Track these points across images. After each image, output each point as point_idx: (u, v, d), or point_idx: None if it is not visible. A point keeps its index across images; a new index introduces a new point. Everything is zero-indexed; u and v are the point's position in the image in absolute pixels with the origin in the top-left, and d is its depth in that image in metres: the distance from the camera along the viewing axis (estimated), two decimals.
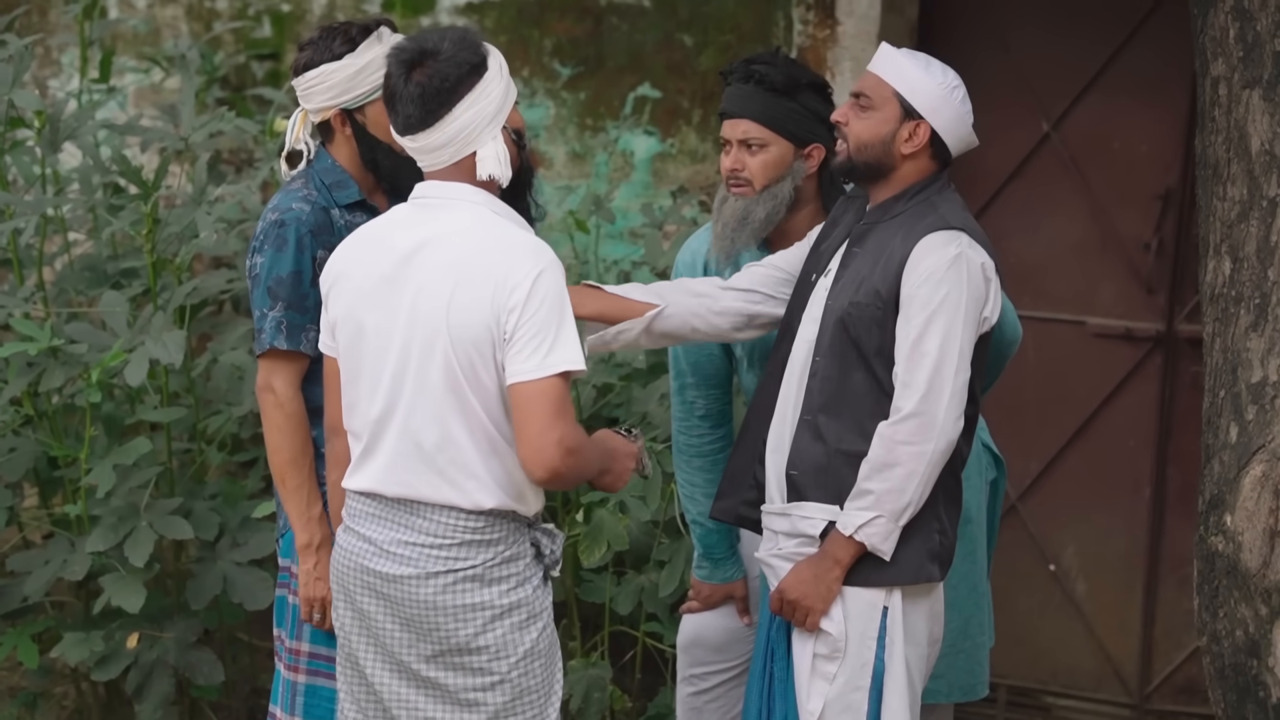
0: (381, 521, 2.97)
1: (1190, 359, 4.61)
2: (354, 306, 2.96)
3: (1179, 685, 4.74)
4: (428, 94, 2.88)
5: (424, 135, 2.92)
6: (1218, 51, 3.29)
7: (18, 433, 4.20)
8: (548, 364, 2.84)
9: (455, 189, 2.95)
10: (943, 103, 3.17)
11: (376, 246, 2.97)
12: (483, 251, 2.89)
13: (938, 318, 3.04)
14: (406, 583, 2.93)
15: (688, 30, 4.88)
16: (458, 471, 2.91)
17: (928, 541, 3.12)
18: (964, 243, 3.09)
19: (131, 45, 5.45)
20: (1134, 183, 4.63)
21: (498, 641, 2.93)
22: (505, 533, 2.95)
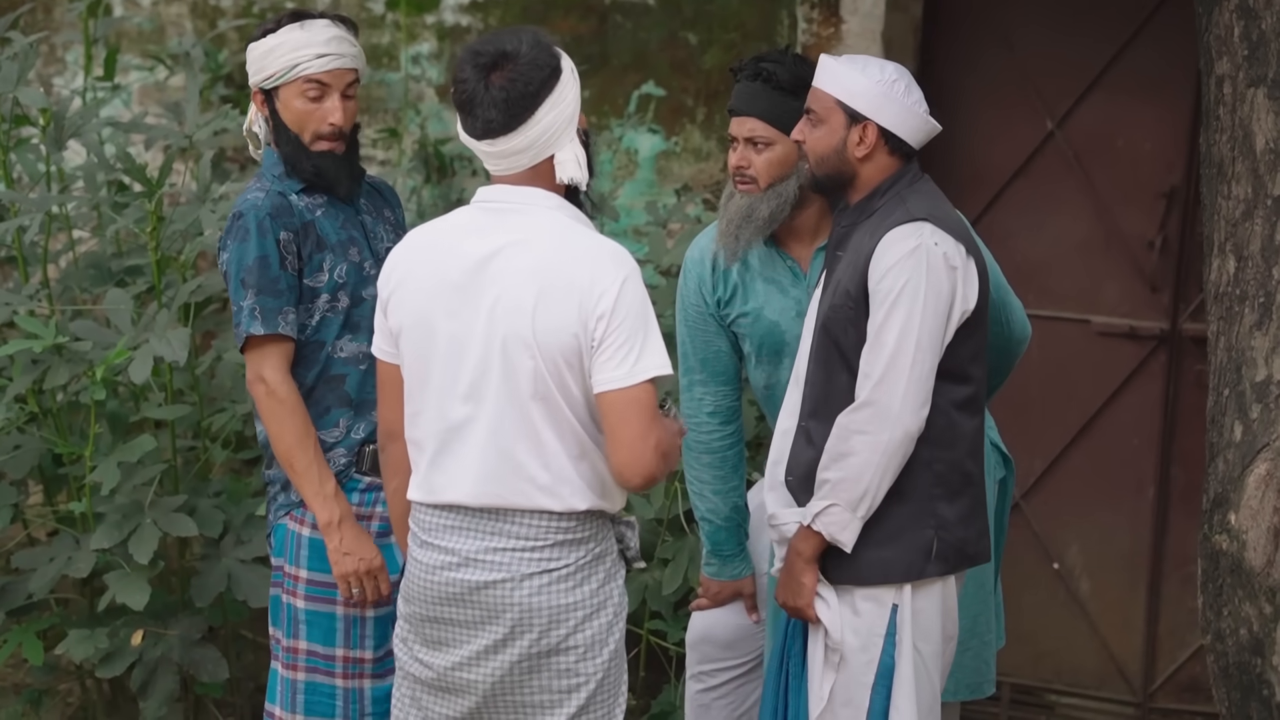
0: (465, 532, 2.91)
1: (1194, 357, 4.60)
2: (423, 313, 2.90)
3: (1183, 684, 4.74)
4: (511, 98, 2.84)
5: (505, 140, 2.86)
6: (1222, 50, 3.28)
7: (22, 430, 4.20)
8: (638, 371, 2.83)
9: (528, 194, 2.91)
10: (883, 99, 3.16)
11: (444, 252, 2.91)
12: (565, 258, 2.85)
13: (896, 308, 3.03)
14: (499, 587, 2.88)
15: (692, 28, 4.88)
16: (550, 478, 2.87)
17: (919, 539, 3.10)
18: (926, 233, 3.07)
19: (136, 43, 5.46)
20: (1138, 181, 4.63)
21: (587, 641, 2.91)
22: (594, 529, 2.93)
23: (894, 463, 3.05)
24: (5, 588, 4.17)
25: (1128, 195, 4.65)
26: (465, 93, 2.87)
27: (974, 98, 4.77)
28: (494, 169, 2.93)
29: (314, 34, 3.30)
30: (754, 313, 3.47)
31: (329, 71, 3.30)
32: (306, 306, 3.32)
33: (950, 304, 3.07)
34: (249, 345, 3.28)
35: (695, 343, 3.54)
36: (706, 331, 3.52)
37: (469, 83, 2.86)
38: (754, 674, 3.69)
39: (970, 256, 3.12)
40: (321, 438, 3.34)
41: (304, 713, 3.37)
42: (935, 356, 3.06)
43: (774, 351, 3.50)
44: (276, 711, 3.40)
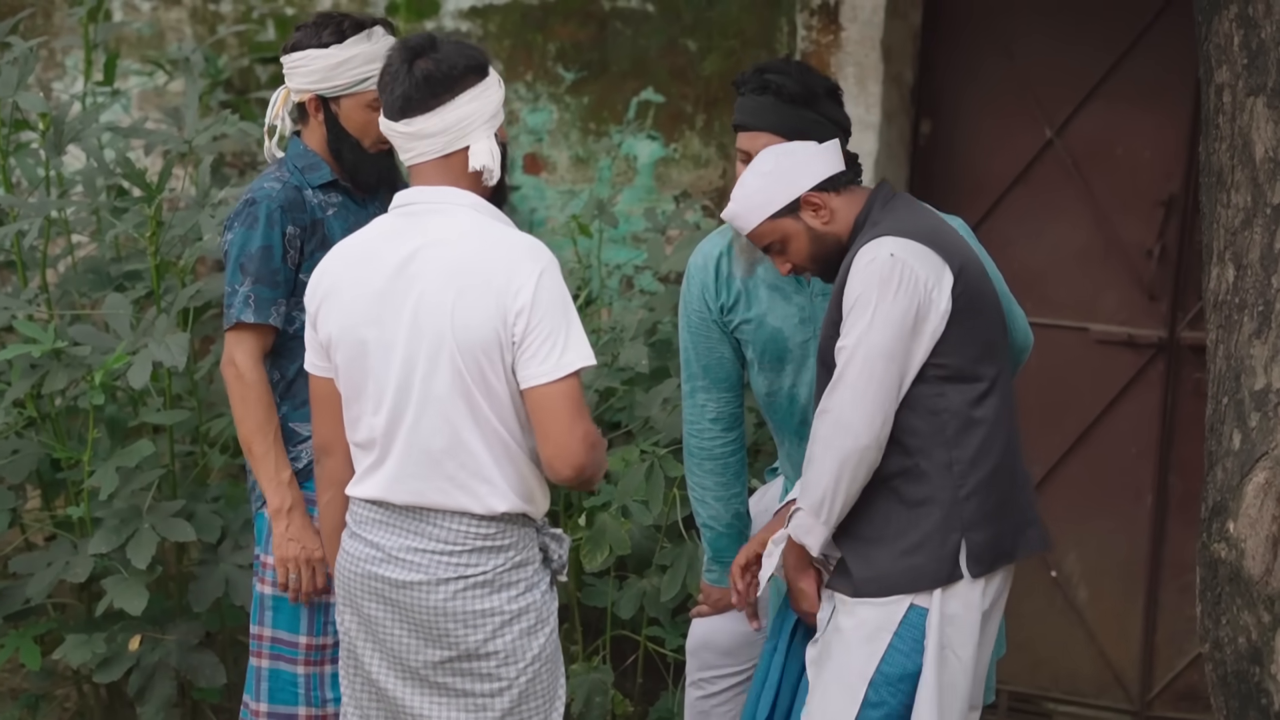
0: (389, 529, 2.96)
1: (1192, 366, 4.61)
2: (350, 323, 2.94)
3: (1180, 692, 4.74)
4: (433, 79, 2.89)
5: (421, 119, 2.90)
6: (1222, 59, 3.29)
7: (21, 435, 4.20)
8: (563, 364, 2.86)
9: (443, 193, 2.94)
10: (783, 176, 3.17)
11: (366, 260, 2.95)
12: (481, 255, 2.88)
13: (855, 320, 3.05)
14: (416, 589, 2.93)
15: (691, 35, 4.88)
16: (470, 477, 2.90)
17: (946, 544, 3.08)
18: (885, 245, 3.06)
19: (135, 48, 5.46)
20: (1137, 189, 4.64)
21: (507, 647, 2.94)
22: (515, 538, 2.95)
23: (852, 473, 3.04)
24: (3, 592, 4.16)
25: (1126, 203, 4.65)
26: (388, 74, 2.92)
27: (973, 105, 4.78)
28: (407, 155, 2.95)
29: (380, 46, 3.32)
30: (757, 319, 3.47)
31: None
32: (297, 299, 3.34)
33: (916, 311, 3.05)
34: (234, 328, 3.33)
35: (698, 349, 3.54)
36: (709, 338, 3.52)
37: (393, 65, 2.92)
38: None
39: (946, 261, 3.09)
40: (296, 429, 3.39)
41: (268, 700, 3.39)
42: (893, 367, 3.03)
43: (776, 358, 3.49)
44: (249, 701, 3.44)
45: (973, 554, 3.10)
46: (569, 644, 4.36)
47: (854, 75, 4.68)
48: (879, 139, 4.68)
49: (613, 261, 4.90)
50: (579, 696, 4.10)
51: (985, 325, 3.15)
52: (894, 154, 4.77)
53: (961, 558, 3.10)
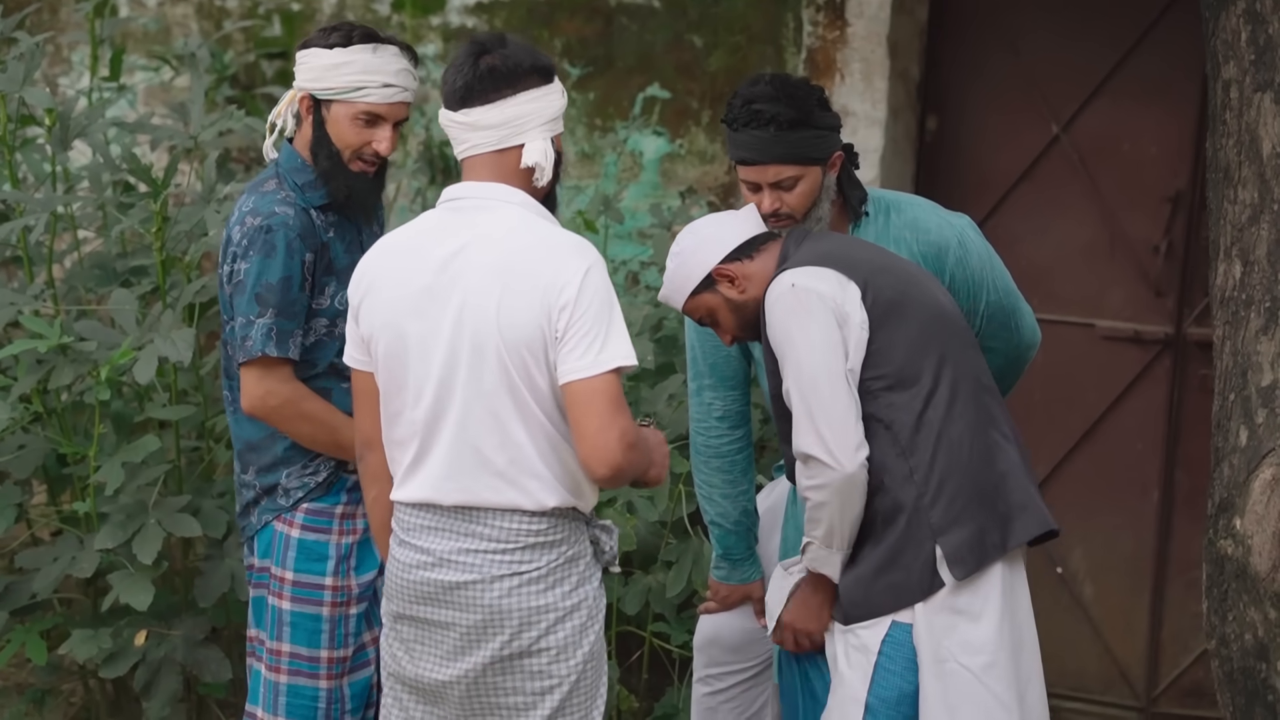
0: (439, 532, 2.94)
1: (1199, 362, 4.60)
2: (393, 317, 2.92)
3: (1186, 688, 4.73)
4: (496, 72, 2.90)
5: (479, 110, 2.90)
6: (1229, 54, 3.28)
7: (27, 430, 4.20)
8: (601, 360, 2.85)
9: (492, 189, 2.94)
10: (692, 255, 3.23)
11: (411, 254, 2.94)
12: (528, 251, 2.87)
13: (785, 362, 3.08)
14: (471, 589, 2.90)
15: (697, 31, 4.88)
16: (519, 472, 2.88)
17: (921, 554, 3.06)
18: (784, 281, 3.10)
19: (142, 43, 5.46)
20: (1143, 185, 4.63)
21: (559, 644, 2.92)
22: (567, 532, 2.93)
23: (851, 498, 3.05)
24: (9, 587, 4.17)
25: (1132, 199, 4.65)
26: (453, 67, 2.94)
27: (979, 101, 4.77)
28: (461, 147, 2.95)
29: (385, 61, 3.26)
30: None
31: (389, 104, 3.27)
32: (306, 326, 3.31)
33: (834, 325, 3.05)
34: (255, 362, 3.26)
35: (704, 348, 3.53)
36: (715, 337, 3.51)
37: (459, 58, 2.94)
38: (761, 677, 3.68)
39: (848, 276, 3.08)
40: (247, 479, 3.39)
41: (285, 715, 3.37)
42: (840, 383, 3.04)
43: None
44: (258, 713, 3.41)
45: (952, 557, 3.06)
46: None
47: (860, 71, 4.68)
48: (885, 135, 4.68)
49: (618, 257, 4.90)
50: None
51: (913, 325, 3.11)
52: (900, 150, 4.77)
53: (940, 565, 3.06)
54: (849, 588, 3.12)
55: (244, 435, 3.41)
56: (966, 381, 3.14)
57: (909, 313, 3.12)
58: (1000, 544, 3.10)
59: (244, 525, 3.45)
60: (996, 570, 3.10)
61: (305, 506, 3.36)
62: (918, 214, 3.45)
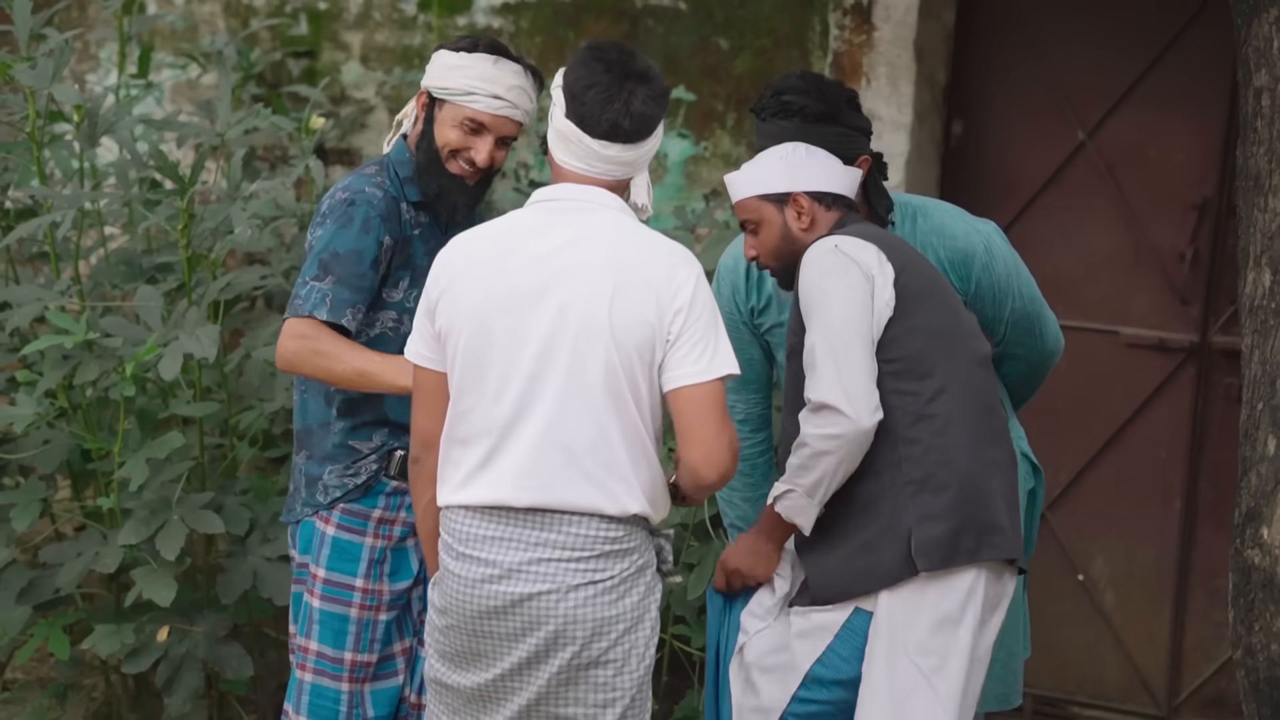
0: (506, 543, 2.86)
1: (1224, 370, 4.59)
2: (480, 310, 2.86)
3: (1208, 698, 4.72)
4: (649, 115, 2.92)
5: (621, 147, 2.91)
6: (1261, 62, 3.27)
7: (52, 425, 4.22)
8: (714, 367, 2.85)
9: (593, 191, 2.93)
10: (792, 169, 3.21)
11: (504, 249, 2.89)
12: (639, 252, 2.86)
13: (814, 314, 3.06)
14: (544, 599, 2.84)
15: (723, 33, 4.88)
16: (607, 475, 2.84)
17: (897, 540, 3.02)
18: (829, 242, 3.10)
19: (169, 41, 5.48)
20: (1169, 193, 4.62)
21: (624, 655, 2.88)
22: (638, 541, 2.90)
23: (851, 454, 3.02)
24: (33, 582, 4.18)
25: (1159, 207, 4.63)
26: (596, 86, 2.89)
27: (1005, 107, 4.76)
28: (586, 169, 2.93)
29: (501, 74, 3.28)
30: (787, 323, 3.47)
31: (495, 116, 3.29)
32: (370, 315, 3.31)
33: (869, 293, 3.05)
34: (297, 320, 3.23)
35: None
36: (739, 339, 3.50)
37: (600, 79, 2.89)
38: None
39: (888, 258, 3.09)
40: (356, 446, 3.35)
41: (307, 714, 3.38)
42: (864, 342, 3.02)
43: None
44: (289, 710, 3.42)
45: (922, 547, 3.01)
46: None
47: (886, 75, 4.67)
48: (910, 139, 4.67)
49: None
50: None
51: (934, 322, 3.11)
52: (925, 155, 4.76)
53: (912, 551, 3.02)
54: (822, 570, 3.09)
55: (300, 419, 3.42)
56: (976, 395, 3.14)
57: (935, 309, 3.12)
58: (972, 550, 3.04)
59: (289, 513, 3.46)
60: (969, 578, 3.05)
61: (342, 506, 3.36)
62: (944, 220, 3.44)
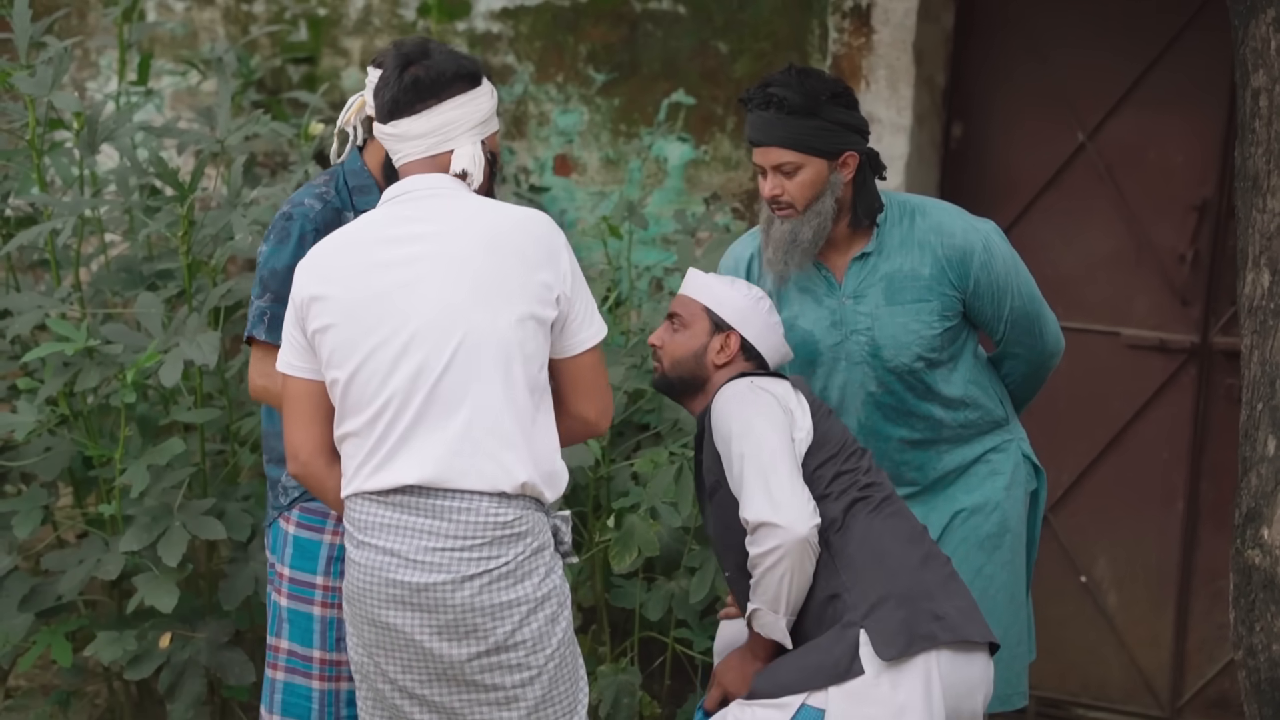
0: (400, 530, 2.91)
1: (1225, 371, 4.59)
2: (351, 311, 2.92)
3: (1211, 699, 4.71)
4: (420, 83, 2.99)
5: (407, 121, 2.99)
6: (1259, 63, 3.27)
7: (53, 432, 4.22)
8: (598, 329, 3.04)
9: (441, 179, 3.01)
10: (750, 313, 3.29)
11: (366, 248, 2.95)
12: (508, 225, 2.95)
13: (735, 440, 3.12)
14: (440, 589, 2.89)
15: (723, 37, 4.88)
16: (496, 443, 2.88)
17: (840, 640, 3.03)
18: (743, 383, 3.19)
19: (169, 48, 5.48)
20: (1169, 194, 4.62)
21: (533, 635, 2.92)
22: (531, 524, 2.93)
23: (797, 562, 3.05)
24: (35, 589, 4.18)
25: (1159, 208, 4.63)
26: (381, 79, 3.04)
27: (1005, 109, 4.76)
28: (396, 157, 3.05)
29: None
30: (788, 322, 3.47)
31: None
32: None
33: (780, 411, 3.13)
34: (250, 343, 3.30)
35: None
36: None
37: (386, 70, 3.04)
38: None
39: (796, 389, 3.20)
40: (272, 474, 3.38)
41: (280, 713, 3.38)
42: (791, 458, 3.09)
43: (807, 361, 3.50)
44: (264, 713, 3.42)
45: (880, 639, 3.00)
46: (597, 645, 4.36)
47: (885, 78, 4.68)
48: (910, 142, 4.67)
49: (642, 263, 4.90)
50: (606, 698, 4.10)
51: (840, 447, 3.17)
52: (925, 157, 4.76)
53: (863, 649, 3.00)
54: (770, 668, 3.11)
55: (264, 424, 3.44)
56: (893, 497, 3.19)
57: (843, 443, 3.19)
58: (930, 636, 3.03)
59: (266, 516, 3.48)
60: (924, 664, 3.03)
61: (301, 505, 3.37)
62: (942, 218, 3.46)
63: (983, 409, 3.54)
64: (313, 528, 3.37)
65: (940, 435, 3.51)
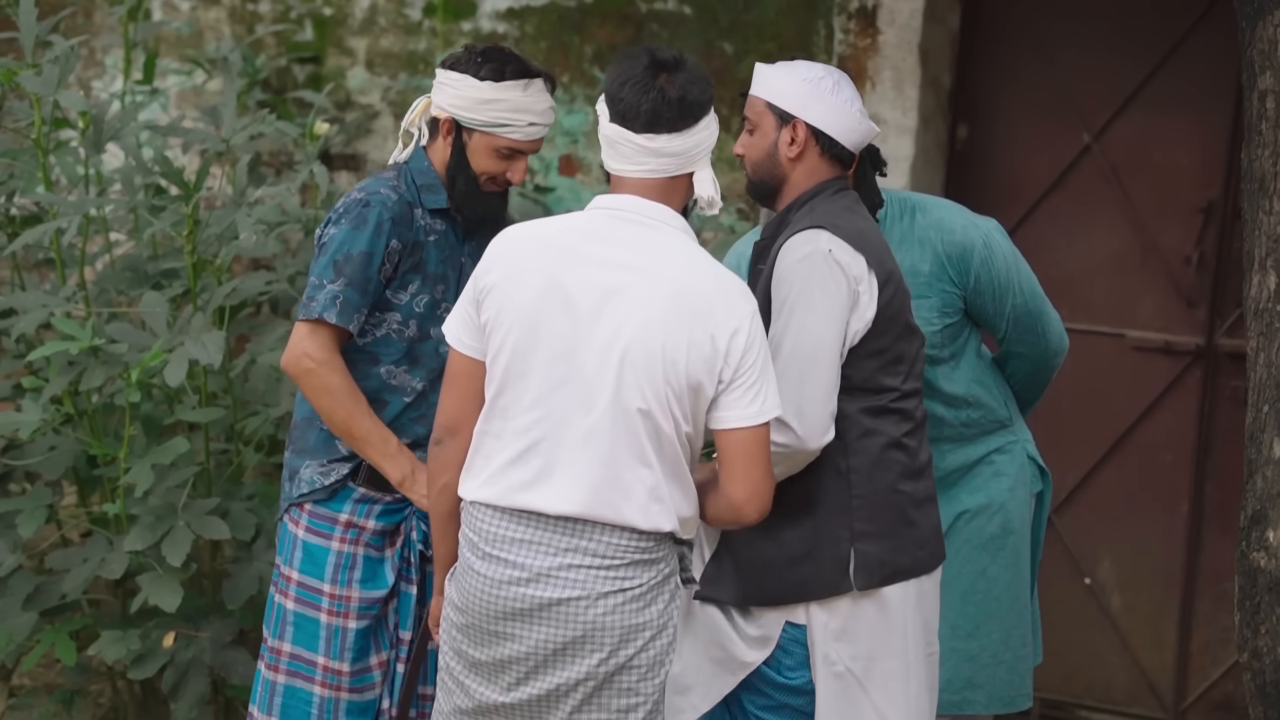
0: (537, 548, 2.84)
1: (1230, 373, 4.58)
2: (531, 312, 2.83)
3: (1215, 701, 4.71)
4: (686, 100, 2.86)
5: (668, 137, 2.85)
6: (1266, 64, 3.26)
7: (58, 431, 4.22)
8: (766, 409, 2.85)
9: (656, 209, 2.88)
10: (809, 96, 3.10)
11: (559, 252, 2.85)
12: (699, 283, 2.82)
13: (790, 310, 2.99)
14: (573, 605, 2.83)
15: (728, 38, 4.88)
16: (644, 492, 2.82)
17: (835, 553, 3.01)
18: (822, 240, 3.00)
19: (174, 47, 5.49)
20: (1175, 195, 4.61)
21: (649, 661, 2.87)
22: (665, 551, 2.89)
23: (791, 467, 2.99)
24: (39, 588, 4.19)
25: (1164, 210, 4.63)
26: (631, 82, 2.86)
27: (1010, 110, 4.76)
28: (639, 169, 2.88)
29: (533, 99, 3.27)
30: None
31: (533, 141, 3.29)
32: (376, 316, 3.31)
33: (849, 309, 3.00)
34: (311, 322, 3.25)
35: None
36: None
37: (635, 74, 2.86)
38: None
39: (872, 270, 3.03)
40: (337, 446, 3.36)
41: (280, 716, 3.37)
42: (833, 358, 2.98)
43: None
44: (255, 712, 3.41)
45: (861, 565, 3.01)
46: None
47: (891, 79, 4.67)
48: (915, 143, 4.67)
49: None
50: None
51: (895, 341, 3.07)
52: (930, 158, 4.76)
53: (851, 569, 3.01)
54: (755, 569, 3.06)
55: (298, 412, 3.42)
56: (920, 416, 3.12)
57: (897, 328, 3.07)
58: (907, 569, 3.05)
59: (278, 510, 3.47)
60: (902, 590, 3.05)
61: (309, 509, 3.37)
62: (943, 215, 3.45)
63: (986, 408, 3.53)
64: (321, 533, 3.37)
65: (942, 434, 3.50)
